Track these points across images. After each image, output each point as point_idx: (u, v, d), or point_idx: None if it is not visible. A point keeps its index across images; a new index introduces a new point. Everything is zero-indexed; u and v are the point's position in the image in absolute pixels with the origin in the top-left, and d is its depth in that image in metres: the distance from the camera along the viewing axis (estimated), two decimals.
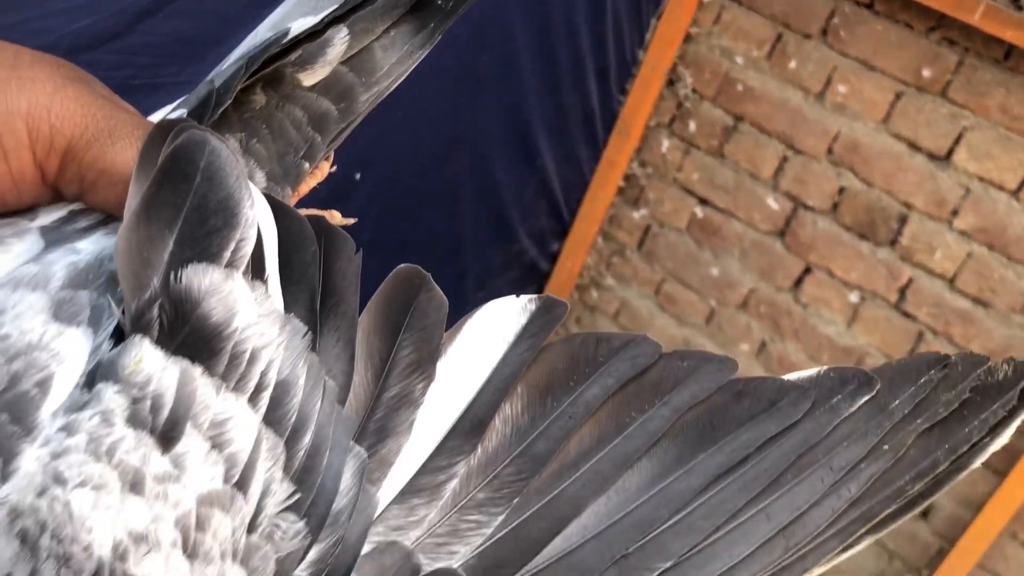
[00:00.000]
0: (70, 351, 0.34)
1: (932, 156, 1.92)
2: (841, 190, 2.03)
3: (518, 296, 0.42)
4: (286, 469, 0.36)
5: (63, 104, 0.37)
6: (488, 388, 0.40)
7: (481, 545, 0.39)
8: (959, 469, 0.42)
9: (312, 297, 0.38)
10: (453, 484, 0.39)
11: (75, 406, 0.33)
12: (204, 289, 0.34)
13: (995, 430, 0.42)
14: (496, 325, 0.41)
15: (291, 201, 0.44)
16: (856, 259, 2.03)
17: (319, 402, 0.37)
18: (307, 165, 0.45)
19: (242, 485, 0.35)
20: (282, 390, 0.36)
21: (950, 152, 1.89)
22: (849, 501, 0.40)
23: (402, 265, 0.41)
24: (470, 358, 0.41)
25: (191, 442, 0.34)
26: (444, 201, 1.84)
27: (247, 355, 0.35)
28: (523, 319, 0.41)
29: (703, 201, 2.21)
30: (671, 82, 2.19)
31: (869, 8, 1.92)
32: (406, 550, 0.38)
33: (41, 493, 0.32)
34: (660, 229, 2.29)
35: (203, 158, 0.35)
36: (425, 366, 0.40)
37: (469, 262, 2.01)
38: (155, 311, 0.34)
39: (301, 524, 0.36)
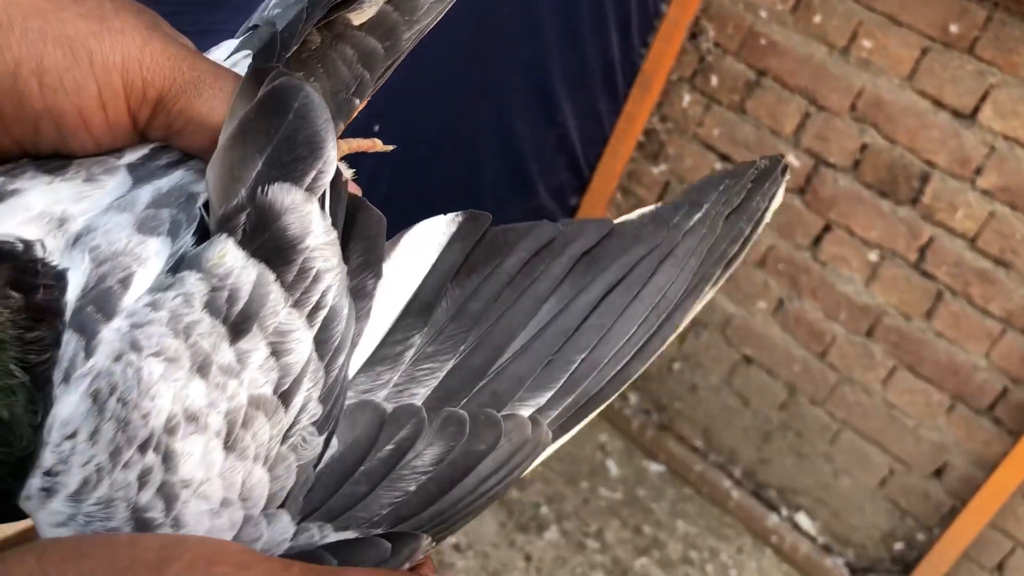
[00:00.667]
0: (151, 255, 0.38)
1: (957, 114, 1.89)
2: (863, 147, 2.01)
3: (444, 214, 0.49)
4: (321, 390, 0.41)
5: (152, 57, 0.40)
6: (431, 277, 0.47)
7: (436, 384, 0.46)
8: (757, 224, 0.54)
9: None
10: (410, 352, 0.46)
11: (160, 287, 0.37)
12: (286, 205, 0.39)
13: (772, 198, 0.54)
14: (430, 233, 0.48)
15: (339, 130, 0.49)
16: (876, 217, 2.02)
17: (351, 332, 0.43)
18: (357, 101, 0.48)
19: (287, 398, 0.39)
20: (333, 314, 0.41)
21: (975, 110, 1.87)
22: (693, 271, 0.52)
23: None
24: (411, 258, 0.47)
25: (256, 341, 0.38)
26: (463, 154, 1.84)
27: (313, 273, 0.40)
28: (452, 228, 0.48)
29: (724, 157, 2.20)
30: (693, 35, 2.16)
31: None
32: (374, 403, 0.44)
33: (118, 358, 0.36)
34: (680, 185, 2.28)
35: (297, 100, 0.40)
36: (374, 266, 0.46)
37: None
38: (241, 217, 0.38)
39: (320, 440, 0.41)
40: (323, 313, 0.40)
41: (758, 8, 2.07)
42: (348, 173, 0.52)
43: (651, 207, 0.52)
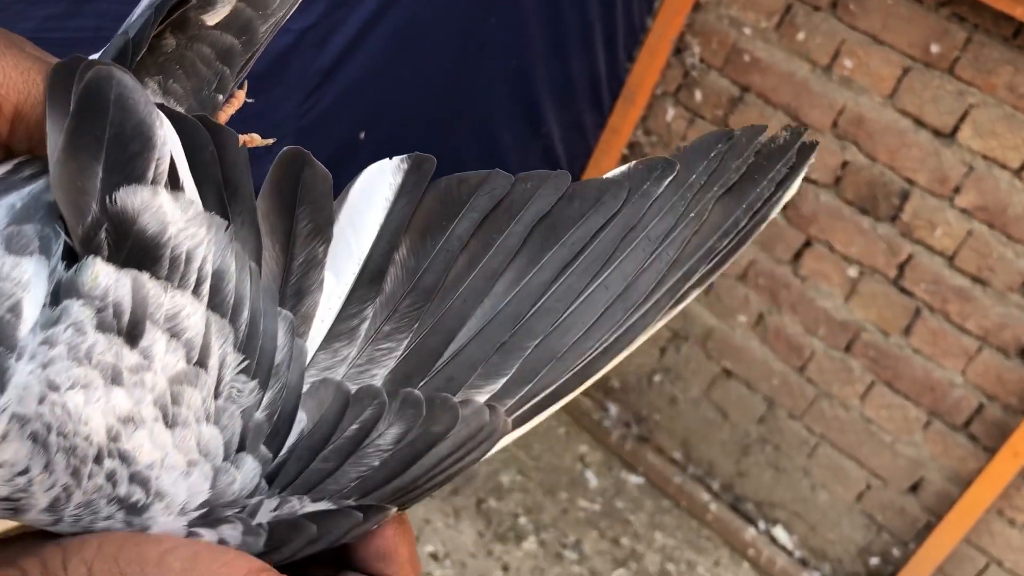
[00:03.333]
0: (30, 278, 0.39)
1: (937, 133, 1.92)
2: (844, 164, 2.03)
3: (391, 158, 0.49)
4: (234, 342, 0.43)
5: (5, 73, 0.42)
6: (380, 242, 0.48)
7: (394, 365, 0.47)
8: (760, 222, 0.50)
9: (219, 191, 0.44)
10: (365, 325, 0.47)
11: (49, 322, 0.39)
12: (137, 207, 0.40)
13: (782, 185, 0.50)
14: (376, 186, 0.49)
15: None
16: (856, 234, 2.04)
17: (247, 282, 0.45)
18: (220, 97, 0.50)
19: (202, 362, 0.42)
20: (218, 278, 0.43)
21: (955, 129, 1.90)
22: (670, 263, 0.49)
23: (284, 148, 0.47)
24: (360, 218, 0.48)
25: (153, 336, 0.41)
26: (447, 164, 1.83)
27: (183, 256, 0.41)
28: (399, 178, 0.49)
29: None
30: (678, 51, 2.18)
31: None
32: (336, 382, 0.46)
33: (41, 400, 0.38)
34: None
35: (112, 90, 0.40)
36: (323, 231, 0.47)
37: None
38: (101, 233, 0.39)
39: (253, 383, 0.44)
40: (207, 282, 0.42)
41: (742, 25, 2.09)
42: (258, 139, 0.54)
43: (623, 167, 0.49)
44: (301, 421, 0.45)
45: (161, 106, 0.44)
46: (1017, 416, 1.92)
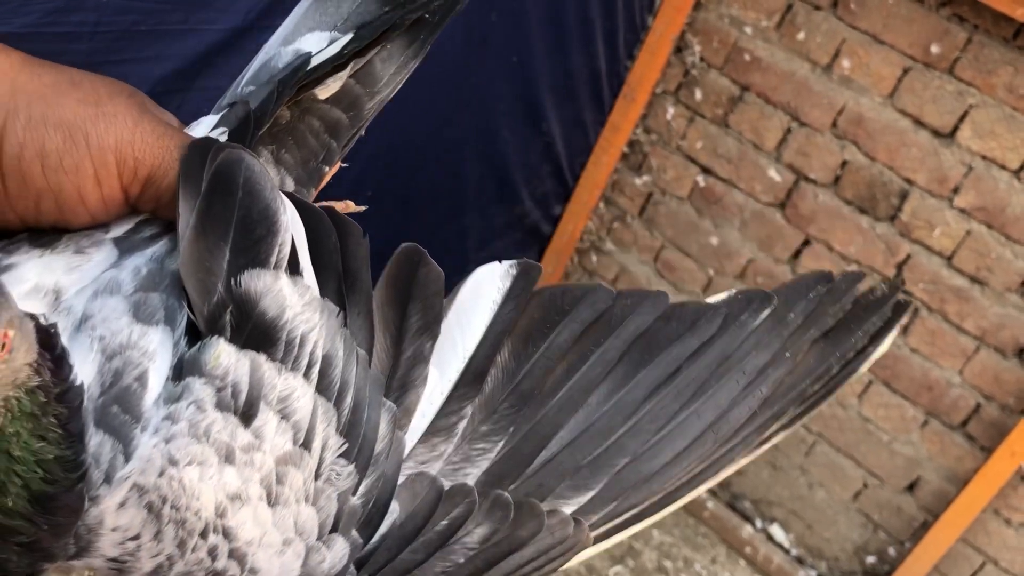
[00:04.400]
0: (156, 348, 0.42)
1: (936, 133, 1.92)
2: (844, 164, 2.03)
3: (501, 262, 0.51)
4: (336, 426, 0.45)
5: (143, 138, 0.44)
6: (485, 343, 0.49)
7: (487, 466, 0.49)
8: (850, 373, 0.51)
9: (338, 280, 0.46)
10: (463, 423, 0.49)
11: (172, 397, 0.41)
12: (259, 291, 0.42)
13: (875, 339, 0.51)
14: (485, 289, 0.51)
15: (312, 196, 0.53)
16: (855, 233, 2.04)
17: (354, 368, 0.46)
18: (326, 168, 0.53)
19: (307, 444, 0.44)
20: (327, 363, 0.44)
21: (954, 129, 1.90)
22: (762, 400, 0.50)
23: (404, 244, 0.49)
24: (467, 319, 0.50)
25: (265, 416, 0.42)
26: (448, 160, 1.85)
27: (298, 339, 0.43)
28: (507, 283, 0.51)
29: (706, 170, 2.22)
30: (679, 49, 2.18)
31: None
32: (431, 477, 0.48)
33: (161, 474, 0.40)
34: (662, 196, 2.30)
35: (241, 174, 0.43)
36: (431, 328, 0.49)
37: (471, 222, 2.02)
38: (226, 316, 0.42)
39: (352, 467, 0.45)
40: (317, 366, 0.44)
41: (743, 24, 2.09)
42: (352, 205, 0.55)
43: (724, 294, 0.50)
44: (394, 512, 0.47)
45: (288, 194, 0.46)
46: (1014, 416, 1.92)
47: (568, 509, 0.49)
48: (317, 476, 0.44)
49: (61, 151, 0.42)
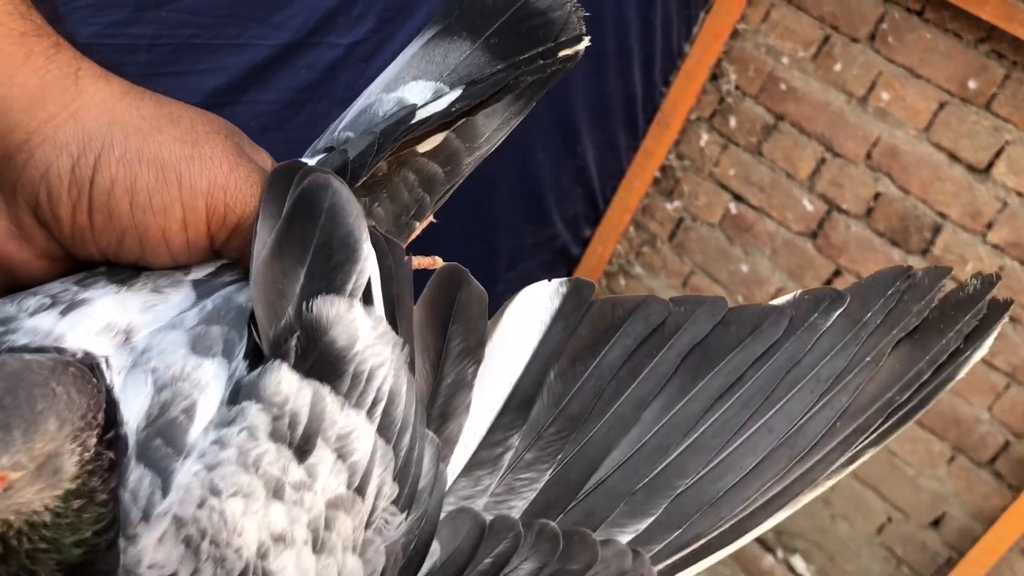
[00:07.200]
0: (209, 381, 0.39)
1: (971, 168, 1.92)
2: (877, 195, 2.03)
3: (550, 280, 0.47)
4: (393, 471, 0.41)
5: (237, 185, 0.42)
6: (532, 367, 0.45)
7: (533, 497, 0.44)
8: (946, 380, 0.45)
9: (392, 307, 0.42)
10: (509, 455, 0.44)
11: (224, 421, 0.38)
12: (331, 319, 0.39)
13: (971, 340, 0.45)
14: (533, 309, 0.46)
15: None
16: (887, 265, 2.03)
17: (414, 406, 0.42)
18: (416, 223, 0.49)
19: (361, 490, 0.40)
20: (391, 401, 0.41)
21: (990, 165, 1.89)
22: (842, 411, 0.44)
23: (444, 264, 0.46)
24: (513, 341, 0.46)
25: (321, 454, 0.39)
26: (482, 179, 1.86)
27: (366, 375, 0.40)
28: (556, 302, 0.46)
29: (738, 197, 2.22)
30: (714, 77, 2.20)
31: (919, 15, 1.92)
32: (473, 512, 0.44)
33: (201, 504, 0.37)
34: (692, 222, 2.30)
35: (327, 199, 0.40)
36: (474, 352, 0.45)
37: (502, 241, 2.03)
38: (292, 340, 0.38)
39: (402, 516, 0.42)
40: (382, 404, 0.41)
41: (780, 54, 2.10)
42: (440, 262, 0.52)
43: (788, 296, 0.45)
44: (435, 553, 0.43)
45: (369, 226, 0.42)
46: None
47: (624, 539, 0.44)
48: (368, 525, 0.41)
49: (152, 190, 0.40)
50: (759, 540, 2.34)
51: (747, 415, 0.44)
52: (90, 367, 0.38)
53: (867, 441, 0.46)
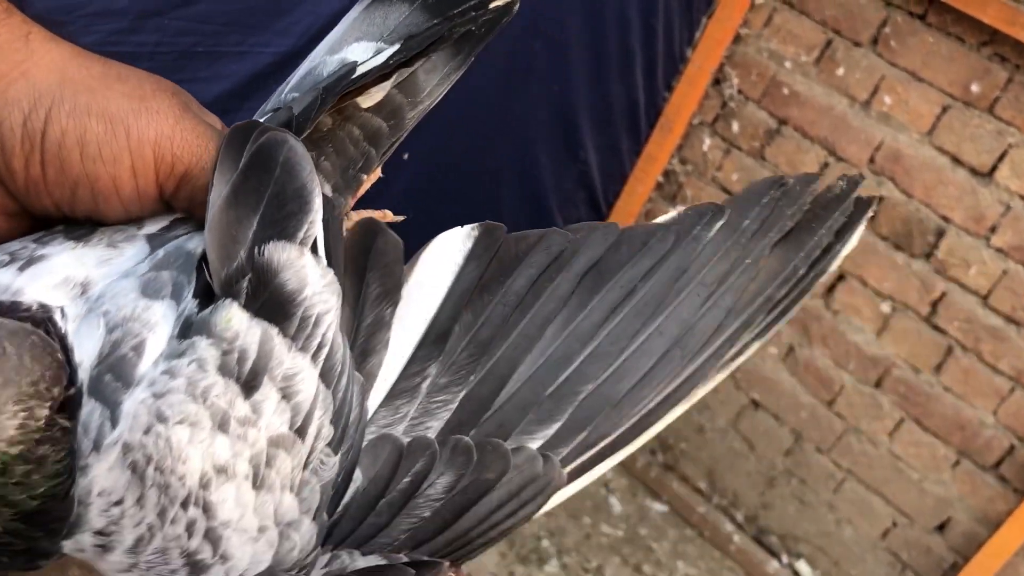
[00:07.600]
0: (158, 320, 0.41)
1: (974, 171, 1.92)
2: (880, 199, 2.03)
3: (462, 227, 0.50)
4: (331, 415, 0.43)
5: (183, 135, 0.44)
6: (447, 304, 0.48)
7: (448, 416, 0.47)
8: (819, 274, 0.48)
9: (329, 260, 0.45)
10: (426, 383, 0.48)
11: (174, 354, 0.40)
12: (282, 263, 0.41)
13: (840, 235, 0.49)
14: (447, 252, 0.49)
15: (350, 204, 0.52)
16: (890, 269, 2.04)
17: (347, 350, 0.45)
18: (363, 176, 0.52)
19: (302, 432, 0.42)
20: (334, 346, 0.43)
21: (993, 168, 1.89)
22: (728, 310, 0.48)
23: (360, 219, 0.49)
24: (429, 282, 0.49)
25: (267, 391, 0.41)
26: (486, 183, 1.87)
27: (313, 319, 0.42)
28: (469, 244, 0.50)
29: None
30: (717, 81, 2.20)
31: (921, 19, 1.92)
32: (392, 437, 0.46)
33: (147, 431, 0.38)
34: None
35: (283, 154, 0.42)
36: (391, 294, 0.48)
37: None
38: (243, 282, 0.40)
39: (336, 458, 0.44)
40: (326, 349, 0.43)
41: (782, 58, 2.10)
42: (390, 216, 0.54)
43: (672, 213, 0.49)
44: (356, 480, 0.45)
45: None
46: None
47: (534, 444, 0.47)
48: (306, 466, 0.42)
49: (101, 141, 0.42)
50: (764, 544, 2.34)
51: (641, 322, 0.47)
52: (47, 318, 0.40)
53: (752, 335, 0.48)
